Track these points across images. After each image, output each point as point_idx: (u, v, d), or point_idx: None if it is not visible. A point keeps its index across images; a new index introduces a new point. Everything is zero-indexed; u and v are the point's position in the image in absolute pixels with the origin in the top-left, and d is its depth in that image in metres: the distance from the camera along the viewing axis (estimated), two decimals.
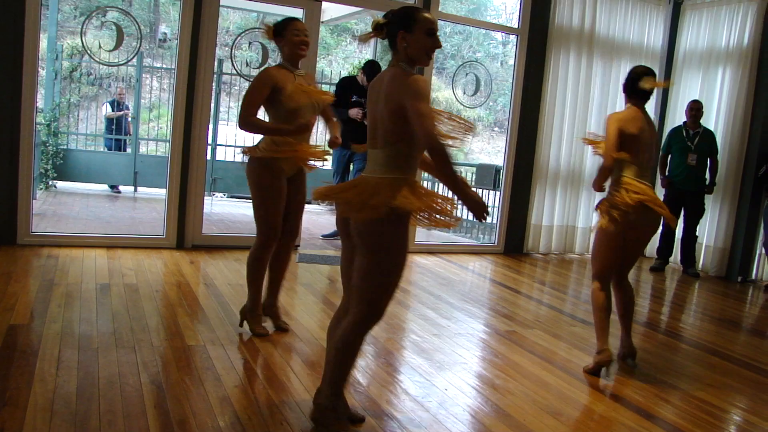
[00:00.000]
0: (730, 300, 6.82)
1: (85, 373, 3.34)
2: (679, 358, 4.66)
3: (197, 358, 3.71)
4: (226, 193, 11.97)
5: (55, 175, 10.52)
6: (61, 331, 3.92)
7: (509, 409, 3.43)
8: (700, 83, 8.25)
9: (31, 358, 3.48)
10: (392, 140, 2.86)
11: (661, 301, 6.70)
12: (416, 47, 2.82)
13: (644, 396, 3.79)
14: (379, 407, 3.29)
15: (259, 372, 3.60)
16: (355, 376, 3.68)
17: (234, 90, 15.40)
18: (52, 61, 10.95)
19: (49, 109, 10.69)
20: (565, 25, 7.87)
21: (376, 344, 4.27)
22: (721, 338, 5.28)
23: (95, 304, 4.50)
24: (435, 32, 2.83)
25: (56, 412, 2.88)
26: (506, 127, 8.06)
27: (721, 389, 4.06)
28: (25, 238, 6.03)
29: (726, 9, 8.01)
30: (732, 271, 7.80)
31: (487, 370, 4.04)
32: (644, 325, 5.49)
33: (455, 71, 8.53)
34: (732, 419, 3.71)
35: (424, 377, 3.78)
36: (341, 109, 7.44)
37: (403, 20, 2.83)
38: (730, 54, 7.92)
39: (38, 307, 4.37)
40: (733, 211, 7.79)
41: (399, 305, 5.32)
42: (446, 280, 6.35)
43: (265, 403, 3.19)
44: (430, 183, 9.94)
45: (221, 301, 4.90)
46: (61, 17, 16.47)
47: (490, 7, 26.87)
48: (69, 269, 5.40)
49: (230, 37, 19.93)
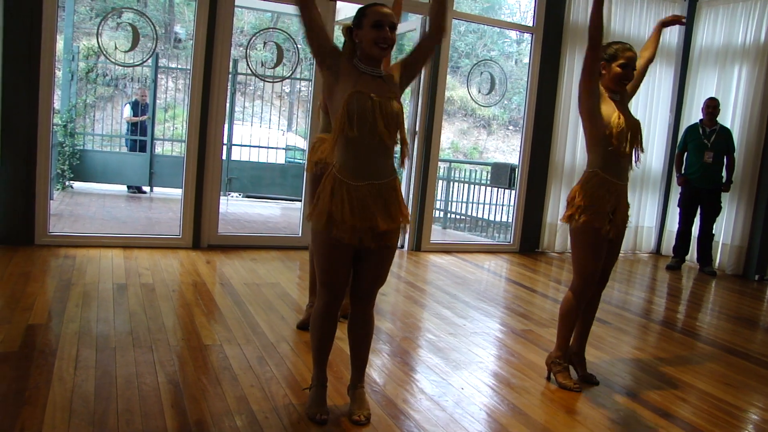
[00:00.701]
0: (747, 298, 6.77)
1: (103, 373, 3.36)
2: (696, 357, 4.63)
3: (214, 358, 3.72)
4: (241, 192, 12.01)
5: (72, 176, 10.60)
6: (78, 331, 3.95)
7: (526, 408, 3.42)
8: (717, 80, 8.20)
9: (49, 357, 3.51)
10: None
11: (677, 299, 6.66)
12: (365, 41, 2.88)
13: (661, 395, 3.77)
14: (395, 406, 3.29)
15: (275, 371, 3.60)
16: (370, 374, 3.68)
17: (249, 90, 15.44)
18: (69, 62, 11.02)
19: (66, 110, 10.77)
20: (580, 22, 7.83)
21: (392, 343, 4.27)
22: (739, 337, 5.24)
23: (112, 304, 4.53)
24: (383, 24, 2.85)
25: (75, 411, 2.90)
26: (521, 125, 8.04)
27: (738, 388, 4.03)
28: (42, 238, 6.08)
29: (742, 6, 7.95)
30: (749, 269, 7.75)
31: (503, 369, 4.04)
32: (661, 323, 5.46)
33: (470, 70, 8.53)
34: (750, 418, 3.68)
35: (441, 376, 3.78)
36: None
37: (355, 18, 2.92)
38: (747, 51, 7.86)
39: (56, 306, 4.41)
40: (750, 208, 7.74)
41: (415, 304, 5.32)
42: (462, 279, 6.34)
43: (282, 403, 3.20)
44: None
45: (237, 300, 4.91)
46: (77, 18, 16.56)
47: (504, 6, 26.82)
48: (86, 269, 5.44)
49: (245, 37, 19.99)
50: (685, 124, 8.22)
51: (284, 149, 13.58)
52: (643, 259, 8.51)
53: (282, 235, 7.48)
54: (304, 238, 7.06)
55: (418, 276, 6.43)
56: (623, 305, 5.89)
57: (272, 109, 14.97)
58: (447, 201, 10.39)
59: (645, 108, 8.34)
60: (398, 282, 6.13)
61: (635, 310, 5.83)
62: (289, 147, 14.16)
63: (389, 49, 2.94)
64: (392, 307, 5.25)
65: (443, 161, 11.07)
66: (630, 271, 7.72)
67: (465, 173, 10.97)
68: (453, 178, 10.82)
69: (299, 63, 9.10)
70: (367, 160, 2.85)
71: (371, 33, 2.85)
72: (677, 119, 8.63)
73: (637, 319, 5.52)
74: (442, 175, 10.51)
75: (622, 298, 6.16)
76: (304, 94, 20.53)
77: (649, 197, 8.79)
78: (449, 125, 24.69)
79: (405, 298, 5.53)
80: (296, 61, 7.98)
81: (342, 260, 2.92)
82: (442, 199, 10.31)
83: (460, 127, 25.82)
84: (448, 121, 24.46)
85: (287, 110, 21.45)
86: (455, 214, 10.52)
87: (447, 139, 24.06)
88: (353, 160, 2.85)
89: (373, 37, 2.85)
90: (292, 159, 13.59)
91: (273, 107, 15.44)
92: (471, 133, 26.10)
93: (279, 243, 7.11)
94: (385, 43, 2.87)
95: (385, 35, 2.86)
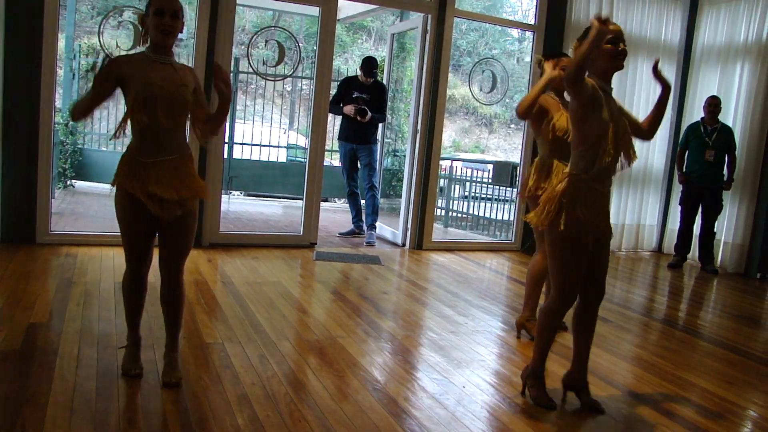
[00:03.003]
0: (749, 297, 6.76)
1: (105, 371, 3.36)
2: (698, 355, 4.63)
3: (215, 356, 3.72)
4: (242, 191, 12.01)
5: (74, 175, 10.59)
6: (80, 330, 3.95)
7: (527, 406, 3.41)
8: (718, 79, 8.20)
9: (50, 356, 3.51)
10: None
11: (679, 298, 6.65)
12: (151, 28, 3.07)
13: (663, 393, 3.77)
14: (397, 405, 3.29)
15: (276, 369, 3.60)
16: (372, 373, 3.68)
17: (250, 89, 15.44)
18: (70, 61, 11.02)
19: (67, 109, 10.76)
20: (582, 21, 7.82)
21: (393, 342, 4.27)
22: (741, 335, 5.24)
23: (114, 303, 4.53)
24: (164, 12, 3.02)
25: (76, 410, 2.90)
26: (522, 124, 8.03)
27: (740, 387, 4.02)
28: (44, 237, 6.08)
29: (744, 4, 7.94)
30: (751, 267, 7.74)
31: (504, 367, 4.03)
32: (663, 322, 5.46)
33: (471, 68, 8.52)
34: (751, 416, 3.68)
35: (442, 374, 3.77)
36: (341, 106, 7.72)
37: (146, 7, 3.10)
38: (749, 49, 7.85)
39: (57, 305, 4.41)
40: (752, 207, 7.73)
41: (416, 303, 5.32)
42: (463, 278, 6.34)
43: (284, 401, 3.20)
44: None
45: (239, 299, 4.91)
46: (79, 17, 16.57)
47: (506, 4, 26.82)
48: (87, 268, 5.44)
49: (246, 35, 20.00)
50: (687, 123, 8.22)
51: (286, 148, 13.57)
52: (645, 258, 8.50)
53: (283, 234, 7.47)
54: (305, 236, 7.07)
55: (420, 274, 6.43)
56: (625, 303, 5.89)
57: (274, 107, 14.98)
58: (448, 199, 10.38)
59: (647, 106, 8.32)
60: (400, 280, 6.13)
61: (637, 308, 5.82)
62: (291, 145, 14.16)
63: (171, 36, 3.10)
64: (394, 305, 5.25)
65: (444, 159, 11.06)
66: (632, 269, 7.71)
67: (467, 172, 10.97)
68: (454, 177, 10.82)
69: (301, 61, 9.09)
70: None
71: (155, 20, 3.04)
72: (679, 117, 8.62)
73: (638, 317, 5.52)
74: (444, 174, 10.51)
75: (623, 297, 6.16)
76: (305, 92, 20.51)
77: (650, 195, 8.78)
78: (451, 123, 24.68)
79: (406, 297, 5.53)
80: (298, 60, 7.97)
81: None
82: (443, 197, 10.30)
83: (462, 126, 25.82)
84: (450, 119, 24.46)
85: (289, 109, 21.47)
86: (456, 212, 10.52)
87: (449, 138, 24.05)
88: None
89: (156, 23, 3.05)
90: (294, 157, 13.58)
91: (274, 106, 15.46)
92: (472, 131, 26.10)
93: (280, 242, 7.10)
94: (167, 30, 3.06)
95: (165, 23, 3.04)
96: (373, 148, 7.92)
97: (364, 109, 7.59)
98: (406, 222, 7.62)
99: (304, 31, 22.51)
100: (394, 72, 9.53)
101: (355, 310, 4.90)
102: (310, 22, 21.93)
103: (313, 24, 19.97)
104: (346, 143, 7.90)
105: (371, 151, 7.88)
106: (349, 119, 7.72)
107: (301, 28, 22.69)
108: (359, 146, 7.83)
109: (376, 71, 7.85)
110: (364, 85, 7.75)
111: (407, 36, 9.35)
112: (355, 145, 7.84)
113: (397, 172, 10.46)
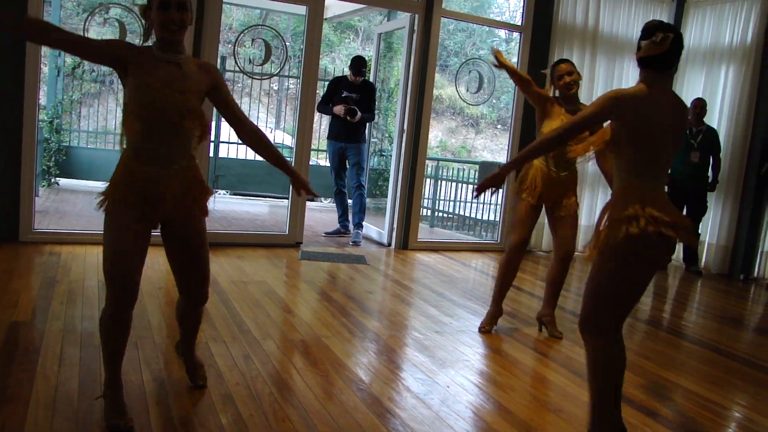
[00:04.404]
0: (733, 298, 6.81)
1: (87, 371, 3.34)
2: (681, 356, 4.65)
3: (199, 356, 3.70)
4: (228, 190, 11.97)
5: (58, 172, 10.52)
6: (63, 329, 3.92)
7: (511, 405, 3.42)
8: (704, 81, 8.25)
9: (33, 355, 3.48)
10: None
11: (663, 298, 6.68)
12: (155, 23, 2.76)
13: (647, 393, 3.78)
14: (381, 404, 3.29)
15: (261, 369, 3.59)
16: (357, 373, 3.68)
17: (237, 87, 15.38)
18: (55, 58, 10.94)
19: (52, 106, 10.69)
20: (569, 22, 7.85)
21: (378, 341, 4.27)
22: (724, 336, 5.27)
23: (97, 302, 4.50)
24: (169, 4, 2.71)
25: (58, 410, 2.88)
26: (509, 124, 8.04)
27: (723, 387, 4.05)
28: (27, 235, 6.03)
29: (730, 6, 7.99)
30: (734, 268, 7.79)
31: (489, 367, 4.04)
32: (647, 322, 5.48)
33: (458, 68, 8.53)
34: (734, 417, 3.70)
35: (426, 374, 3.78)
36: (330, 106, 7.71)
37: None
38: (734, 52, 7.90)
39: (40, 304, 4.38)
40: (736, 208, 7.79)
41: (401, 302, 5.32)
42: (448, 278, 6.34)
43: (268, 401, 3.19)
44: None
45: (223, 298, 4.89)
46: (64, 14, 16.46)
47: (493, 5, 26.86)
48: (71, 267, 5.40)
49: (233, 33, 19.93)
50: None
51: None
52: None
53: (269, 233, 7.45)
54: (291, 235, 7.05)
55: (405, 274, 6.43)
56: None
57: (260, 106, 14.93)
58: (435, 199, 10.39)
59: None
60: (385, 280, 6.13)
61: None
62: (277, 144, 14.13)
63: (180, 32, 2.80)
64: (379, 305, 5.24)
65: (431, 159, 11.06)
66: None
67: (453, 172, 10.97)
68: (441, 177, 10.82)
69: (287, 60, 9.07)
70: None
71: (158, 15, 2.74)
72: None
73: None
74: (430, 174, 10.50)
75: None
76: (292, 91, 20.51)
77: None
78: (437, 124, 24.70)
79: (392, 297, 5.53)
80: (284, 59, 7.94)
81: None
82: (429, 197, 10.30)
83: (449, 126, 25.85)
84: (437, 119, 24.48)
85: (275, 107, 21.41)
86: (442, 212, 10.52)
87: (435, 138, 24.08)
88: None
89: (158, 19, 2.75)
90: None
91: (261, 104, 15.41)
92: (459, 131, 26.13)
93: (266, 241, 7.08)
94: (174, 25, 2.75)
95: (169, 16, 2.73)
96: (362, 147, 7.92)
97: (353, 109, 7.58)
98: (392, 222, 7.61)
99: (291, 29, 22.45)
100: (381, 72, 9.53)
101: (340, 310, 4.90)
102: (297, 21, 21.89)
103: (300, 23, 19.97)
104: (336, 142, 7.90)
105: (360, 150, 7.88)
106: (339, 118, 7.72)
107: (289, 27, 22.63)
108: (348, 145, 7.82)
109: (365, 70, 7.85)
110: (353, 85, 7.75)
111: (394, 36, 9.35)
112: (345, 143, 7.83)
113: (384, 171, 10.46)
